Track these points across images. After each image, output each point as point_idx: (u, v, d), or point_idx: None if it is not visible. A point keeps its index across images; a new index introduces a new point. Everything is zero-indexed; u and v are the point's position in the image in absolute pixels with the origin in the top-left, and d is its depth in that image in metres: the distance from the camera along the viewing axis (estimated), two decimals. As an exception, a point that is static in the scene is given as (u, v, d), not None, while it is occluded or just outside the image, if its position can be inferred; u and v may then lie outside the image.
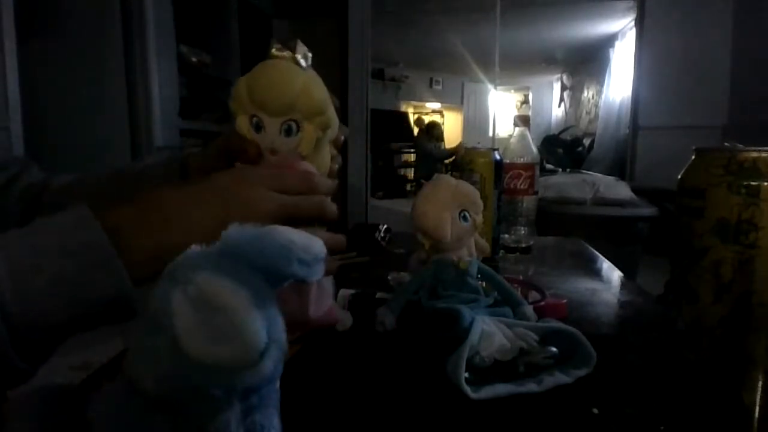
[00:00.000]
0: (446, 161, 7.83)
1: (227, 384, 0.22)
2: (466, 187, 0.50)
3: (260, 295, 0.23)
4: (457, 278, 0.48)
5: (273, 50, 0.37)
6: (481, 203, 0.50)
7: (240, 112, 0.38)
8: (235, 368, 0.22)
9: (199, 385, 0.22)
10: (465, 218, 0.49)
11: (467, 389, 0.36)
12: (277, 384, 0.26)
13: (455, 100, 9.22)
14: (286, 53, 0.37)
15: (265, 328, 0.22)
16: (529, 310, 0.48)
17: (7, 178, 0.52)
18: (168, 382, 0.23)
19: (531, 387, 0.38)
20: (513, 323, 0.42)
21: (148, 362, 0.23)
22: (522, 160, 0.91)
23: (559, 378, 0.39)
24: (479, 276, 0.50)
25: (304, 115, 0.37)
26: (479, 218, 0.51)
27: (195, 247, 0.24)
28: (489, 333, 0.40)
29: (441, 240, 0.48)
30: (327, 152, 0.42)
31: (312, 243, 0.24)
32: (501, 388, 0.38)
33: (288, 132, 0.37)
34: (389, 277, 0.69)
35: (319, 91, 0.38)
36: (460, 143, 6.65)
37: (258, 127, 0.37)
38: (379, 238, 0.92)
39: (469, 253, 0.51)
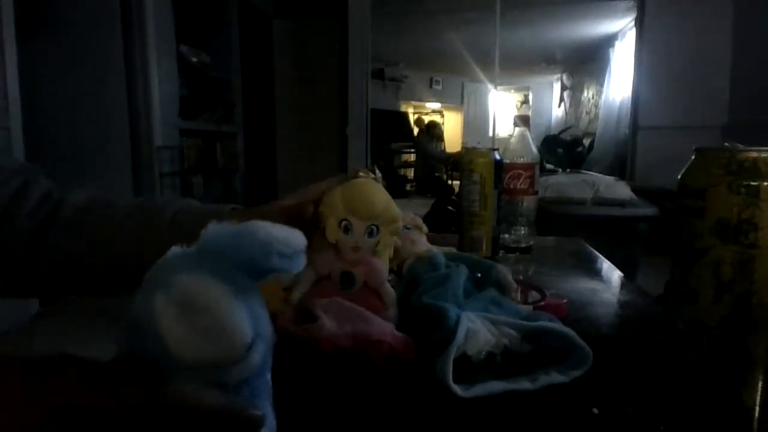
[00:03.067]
0: (446, 163, 7.86)
1: (218, 381, 0.23)
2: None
3: (243, 290, 0.23)
4: (428, 267, 0.54)
5: (360, 173, 0.52)
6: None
7: (331, 215, 0.47)
8: (224, 364, 0.22)
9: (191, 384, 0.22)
10: (408, 228, 0.62)
11: (456, 388, 0.37)
12: (268, 375, 0.26)
13: (455, 100, 9.22)
14: (371, 175, 0.52)
15: (249, 323, 0.23)
16: (501, 267, 0.54)
17: (17, 187, 0.50)
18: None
19: (525, 385, 0.38)
20: (498, 320, 0.42)
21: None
22: (522, 160, 0.91)
23: (555, 377, 0.39)
24: (449, 262, 0.56)
25: (382, 223, 0.48)
26: (418, 222, 0.65)
27: (175, 249, 0.24)
28: (474, 330, 0.41)
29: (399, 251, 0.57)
30: (391, 250, 0.52)
31: (292, 236, 0.24)
32: (493, 386, 0.38)
33: (370, 234, 0.48)
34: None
35: (395, 206, 0.49)
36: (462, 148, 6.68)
37: (346, 229, 0.48)
38: None
39: (427, 248, 0.60)
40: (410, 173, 8.46)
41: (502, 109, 8.71)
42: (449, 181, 7.60)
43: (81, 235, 0.50)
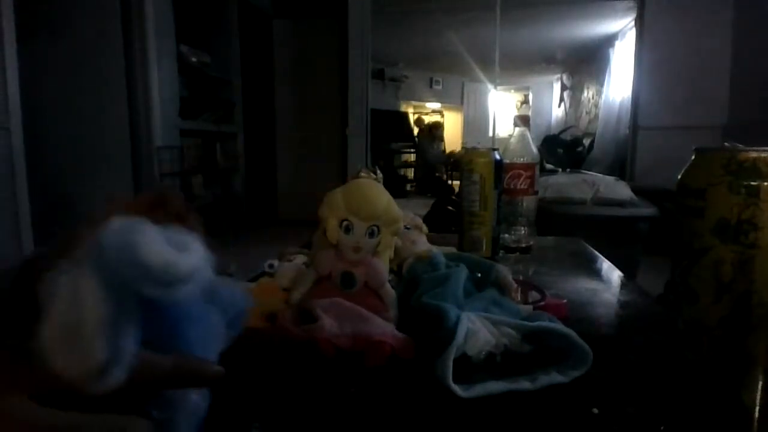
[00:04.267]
0: (446, 164, 7.86)
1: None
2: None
3: (114, 305, 0.21)
4: (428, 267, 0.55)
5: (362, 173, 0.51)
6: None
7: (333, 216, 0.47)
8: (83, 378, 0.20)
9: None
10: (408, 228, 0.62)
11: (456, 388, 0.37)
12: (194, 397, 0.26)
13: (455, 100, 9.22)
14: (372, 175, 0.52)
15: (109, 339, 0.20)
16: (501, 267, 0.54)
17: None
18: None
19: (524, 385, 0.38)
20: (498, 321, 0.42)
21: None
22: (522, 160, 0.91)
23: (555, 377, 0.39)
24: (449, 263, 0.57)
25: (383, 223, 0.48)
26: (418, 222, 0.67)
27: (117, 221, 0.21)
28: (474, 331, 0.41)
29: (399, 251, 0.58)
30: (392, 251, 0.52)
31: (176, 263, 0.21)
32: (492, 386, 0.38)
33: (371, 235, 0.48)
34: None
35: (396, 207, 0.49)
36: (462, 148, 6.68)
37: (347, 229, 0.47)
38: None
39: (427, 248, 0.60)
40: (410, 173, 8.46)
41: (502, 109, 8.71)
42: (449, 181, 7.60)
43: None
